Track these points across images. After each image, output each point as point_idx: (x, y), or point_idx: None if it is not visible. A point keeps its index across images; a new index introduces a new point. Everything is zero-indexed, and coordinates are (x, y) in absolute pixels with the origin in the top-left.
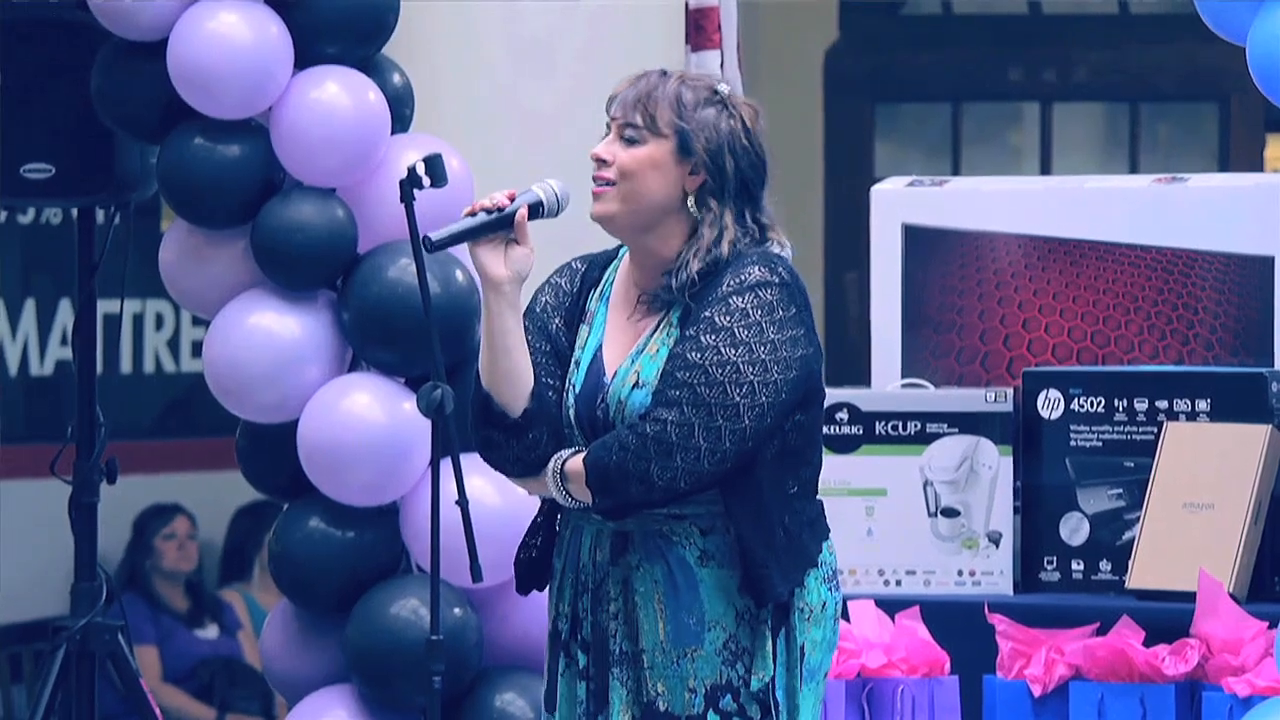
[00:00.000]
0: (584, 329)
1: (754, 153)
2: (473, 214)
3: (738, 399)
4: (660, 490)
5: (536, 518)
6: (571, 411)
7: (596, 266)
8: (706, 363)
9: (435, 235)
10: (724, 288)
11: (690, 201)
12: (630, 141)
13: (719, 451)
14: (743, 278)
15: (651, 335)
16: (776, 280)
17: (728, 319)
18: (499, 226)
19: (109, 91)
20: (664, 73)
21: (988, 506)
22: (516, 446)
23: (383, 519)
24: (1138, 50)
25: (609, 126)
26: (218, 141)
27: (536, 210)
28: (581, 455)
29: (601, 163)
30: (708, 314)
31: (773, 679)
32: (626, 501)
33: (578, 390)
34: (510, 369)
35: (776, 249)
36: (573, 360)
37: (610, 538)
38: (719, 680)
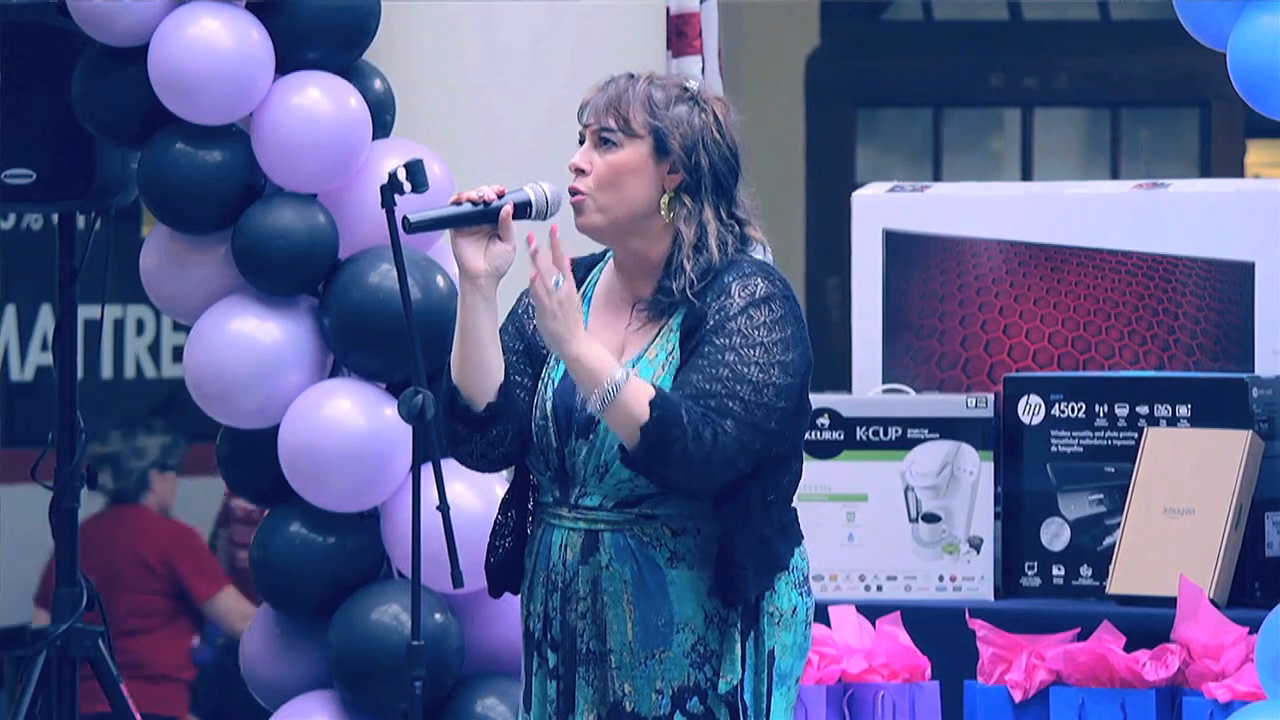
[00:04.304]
0: None
1: (726, 146)
2: (458, 203)
3: (773, 427)
4: (687, 484)
5: (500, 519)
6: (548, 405)
7: (581, 268)
8: (753, 379)
9: (415, 216)
10: (736, 299)
11: (664, 201)
12: (606, 144)
13: (738, 472)
14: (752, 290)
15: (651, 343)
16: (778, 293)
17: (754, 332)
18: (482, 220)
19: (90, 97)
20: (632, 75)
21: (969, 512)
22: (480, 442)
23: (364, 524)
24: (1118, 56)
25: (583, 136)
26: (199, 147)
27: (524, 210)
28: (650, 395)
29: (580, 172)
30: (733, 326)
31: (741, 682)
32: (659, 474)
33: (556, 384)
34: (480, 362)
35: (758, 251)
36: (552, 358)
37: (581, 537)
38: (686, 682)
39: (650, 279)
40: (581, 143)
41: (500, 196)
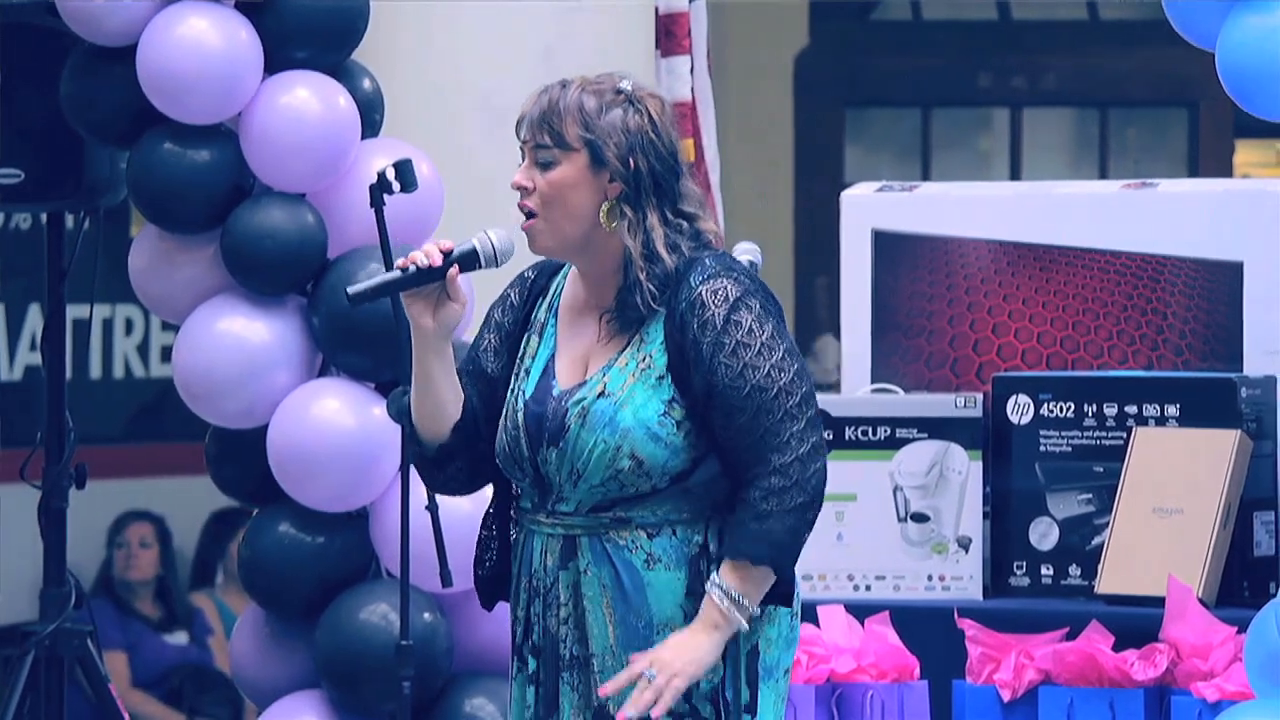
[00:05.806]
0: (533, 339)
1: (664, 145)
2: (403, 268)
3: (815, 410)
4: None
5: (483, 534)
6: (519, 415)
7: (545, 274)
8: (782, 385)
9: (354, 288)
10: (713, 309)
11: (604, 210)
12: (545, 165)
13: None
14: (724, 294)
15: (621, 352)
16: (747, 288)
17: (751, 340)
18: (428, 281)
19: (78, 96)
20: (564, 84)
21: (957, 512)
22: (440, 476)
23: (352, 524)
24: (1107, 56)
25: (523, 151)
26: (187, 147)
27: (473, 262)
28: (747, 566)
29: (523, 190)
30: (729, 342)
31: (723, 679)
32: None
33: (527, 396)
34: (434, 405)
35: (710, 237)
36: (521, 369)
37: (560, 542)
38: None
39: (612, 283)
40: (523, 159)
41: (448, 254)
